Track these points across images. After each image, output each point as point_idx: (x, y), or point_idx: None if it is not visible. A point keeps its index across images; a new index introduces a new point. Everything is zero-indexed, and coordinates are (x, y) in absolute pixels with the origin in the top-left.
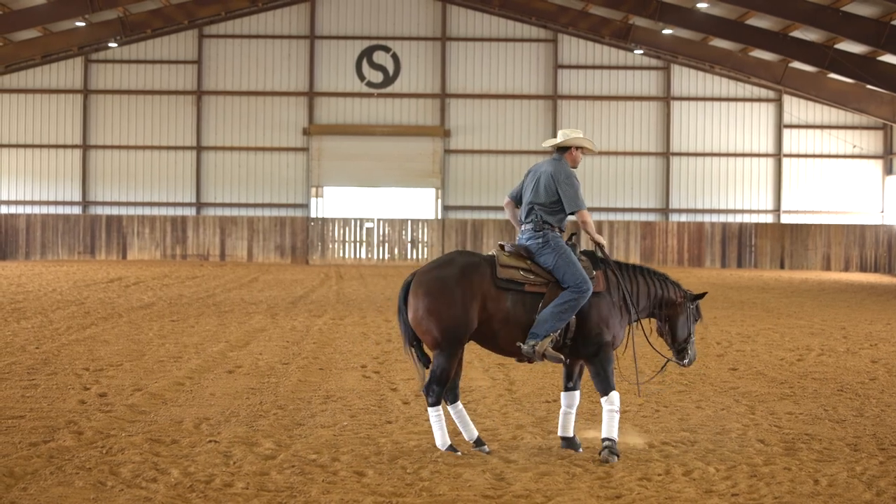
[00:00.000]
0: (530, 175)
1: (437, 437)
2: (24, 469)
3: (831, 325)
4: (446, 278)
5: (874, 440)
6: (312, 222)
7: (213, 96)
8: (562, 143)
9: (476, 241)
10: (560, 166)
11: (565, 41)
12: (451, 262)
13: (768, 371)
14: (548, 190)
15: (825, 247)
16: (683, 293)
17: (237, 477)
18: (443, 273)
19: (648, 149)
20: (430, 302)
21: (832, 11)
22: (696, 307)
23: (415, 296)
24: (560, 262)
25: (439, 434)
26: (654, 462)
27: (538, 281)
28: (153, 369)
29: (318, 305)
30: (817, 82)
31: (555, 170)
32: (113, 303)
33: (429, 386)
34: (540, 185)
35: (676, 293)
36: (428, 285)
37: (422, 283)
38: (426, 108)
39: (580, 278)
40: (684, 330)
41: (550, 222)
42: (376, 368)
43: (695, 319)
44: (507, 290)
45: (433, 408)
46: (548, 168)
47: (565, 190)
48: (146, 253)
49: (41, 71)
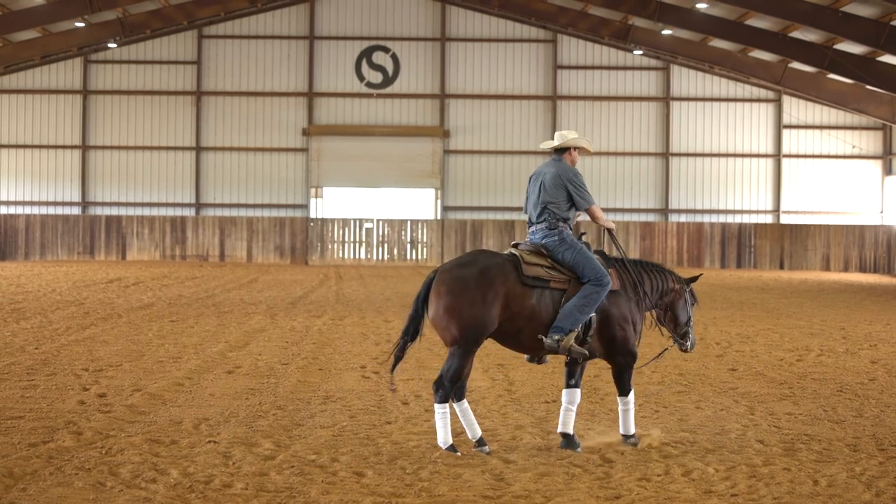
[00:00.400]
0: (533, 179)
1: (439, 434)
2: (23, 469)
3: (831, 325)
4: (468, 277)
5: (873, 441)
6: (312, 223)
7: (212, 97)
8: (560, 145)
9: (476, 241)
10: (563, 166)
11: (565, 41)
12: (473, 261)
13: (768, 371)
14: (556, 189)
15: (824, 247)
16: (679, 279)
17: (236, 477)
18: (465, 272)
19: (648, 149)
20: (452, 300)
21: (832, 12)
22: (691, 291)
23: (437, 294)
24: (578, 257)
25: (442, 432)
26: (653, 462)
27: (561, 277)
28: (152, 370)
29: (318, 306)
30: (817, 83)
31: (559, 170)
32: (112, 303)
33: (439, 382)
34: (547, 186)
35: (674, 280)
36: (450, 284)
37: (444, 282)
38: (425, 108)
39: (599, 272)
40: (685, 314)
41: (563, 220)
42: (376, 369)
43: (692, 303)
44: (533, 287)
45: (440, 404)
46: (550, 169)
47: (575, 188)
48: (145, 253)
49: (41, 71)
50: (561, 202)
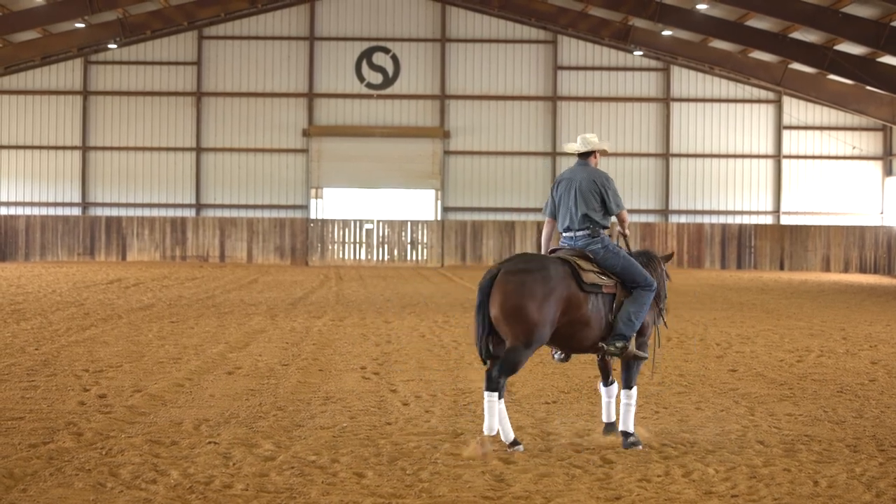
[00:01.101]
0: (563, 185)
1: (486, 422)
2: (23, 470)
3: (831, 326)
4: (536, 281)
5: (874, 441)
6: (312, 223)
7: (212, 97)
8: (587, 149)
9: (476, 242)
10: (595, 171)
11: (565, 42)
12: (540, 266)
13: (768, 372)
14: (594, 196)
15: (825, 248)
16: (665, 258)
17: (237, 478)
18: (532, 277)
19: (648, 150)
20: (519, 301)
21: (832, 13)
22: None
23: (503, 293)
24: (626, 264)
25: (488, 419)
26: (653, 463)
27: (611, 283)
28: (153, 370)
29: (318, 307)
30: (817, 83)
31: (593, 175)
32: (112, 304)
33: (496, 374)
34: (584, 193)
35: (663, 264)
36: (517, 285)
37: (511, 282)
38: (426, 109)
39: (646, 275)
40: (664, 291)
41: (604, 227)
42: (376, 370)
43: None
44: (590, 293)
45: (490, 392)
46: (583, 174)
47: (612, 193)
48: (146, 254)
49: (41, 72)
50: (598, 208)
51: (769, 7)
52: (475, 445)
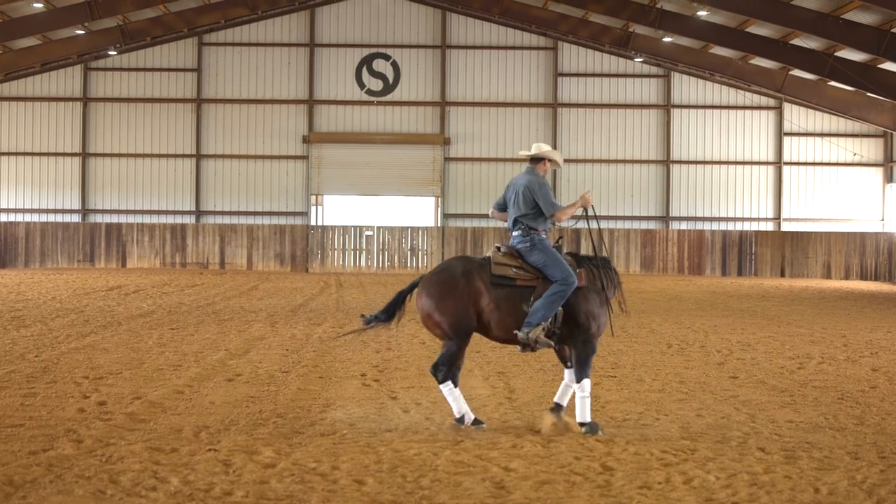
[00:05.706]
0: (510, 188)
1: (453, 409)
2: (23, 477)
3: (832, 333)
4: (445, 281)
5: (875, 448)
6: (312, 230)
7: (212, 104)
8: (534, 155)
9: (476, 248)
10: (534, 177)
11: (565, 49)
12: (449, 267)
13: (769, 379)
14: (526, 201)
15: (825, 255)
16: None
17: (237, 485)
18: (443, 277)
19: (649, 157)
20: (435, 303)
21: (832, 19)
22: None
23: (421, 300)
24: (547, 260)
25: (455, 405)
26: (654, 470)
27: (527, 276)
28: (153, 377)
29: (318, 314)
30: (817, 90)
31: (529, 181)
32: (112, 311)
33: (437, 365)
34: (520, 199)
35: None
36: (430, 289)
37: (426, 288)
38: (426, 116)
39: (566, 273)
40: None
41: (535, 227)
42: (376, 377)
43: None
44: (501, 285)
45: (444, 384)
46: (523, 181)
47: (542, 198)
48: (146, 261)
49: (41, 79)
50: (531, 213)
51: (770, 14)
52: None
